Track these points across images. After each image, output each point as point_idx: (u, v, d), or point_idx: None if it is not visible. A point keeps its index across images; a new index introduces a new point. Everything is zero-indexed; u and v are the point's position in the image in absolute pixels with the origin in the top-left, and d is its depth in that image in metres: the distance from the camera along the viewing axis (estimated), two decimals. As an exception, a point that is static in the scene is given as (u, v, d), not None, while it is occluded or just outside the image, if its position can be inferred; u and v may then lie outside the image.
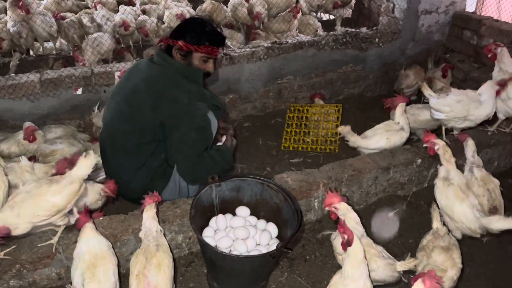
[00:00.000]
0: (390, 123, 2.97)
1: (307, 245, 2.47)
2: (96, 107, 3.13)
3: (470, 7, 4.10)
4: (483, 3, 3.99)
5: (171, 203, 2.36)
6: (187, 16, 4.84)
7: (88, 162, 2.04)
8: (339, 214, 1.94)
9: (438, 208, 2.28)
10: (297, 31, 4.97)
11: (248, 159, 3.28)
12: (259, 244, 2.10)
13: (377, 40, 3.93)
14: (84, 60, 3.82)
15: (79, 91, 3.19)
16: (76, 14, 4.91)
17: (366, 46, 3.93)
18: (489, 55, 2.93)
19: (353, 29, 3.98)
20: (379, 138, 2.88)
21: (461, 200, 2.23)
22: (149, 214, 2.00)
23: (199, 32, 2.30)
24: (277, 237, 2.18)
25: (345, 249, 1.72)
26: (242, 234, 2.08)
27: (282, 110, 3.94)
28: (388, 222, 2.61)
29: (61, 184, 1.97)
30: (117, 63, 3.32)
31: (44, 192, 1.93)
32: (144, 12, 5.28)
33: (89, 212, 1.99)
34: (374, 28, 4.03)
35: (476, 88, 3.36)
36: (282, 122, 3.82)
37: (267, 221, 2.24)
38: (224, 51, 3.53)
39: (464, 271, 2.13)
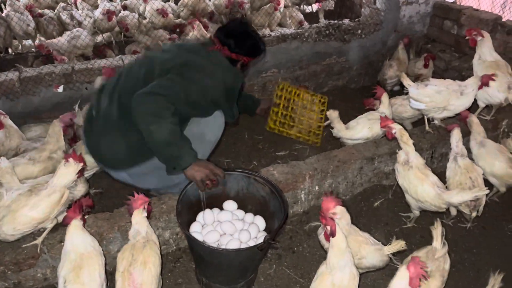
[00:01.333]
0: (373, 112, 3.00)
1: (295, 237, 2.48)
2: (77, 105, 3.06)
3: (450, -3, 4.16)
4: (462, -7, 4.04)
5: (157, 199, 2.34)
6: (169, 11, 4.79)
7: (69, 170, 2.01)
8: (336, 218, 1.90)
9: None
10: (289, 21, 4.97)
11: (234, 153, 3.28)
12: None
13: (359, 31, 3.95)
14: (64, 58, 3.75)
15: (60, 89, 3.13)
16: (55, 10, 4.82)
17: (349, 37, 3.94)
18: (468, 38, 2.96)
19: (335, 21, 3.98)
20: (361, 128, 2.92)
21: (422, 180, 2.32)
22: (137, 220, 1.91)
23: (257, 45, 2.39)
24: (265, 229, 2.18)
25: (328, 239, 1.74)
26: (229, 228, 2.08)
27: (267, 103, 3.94)
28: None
29: (39, 197, 1.94)
30: (98, 60, 3.26)
31: (22, 206, 1.91)
32: (125, 7, 5.22)
33: (80, 208, 1.89)
34: (357, 19, 4.04)
35: (457, 77, 3.42)
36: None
37: (255, 214, 2.24)
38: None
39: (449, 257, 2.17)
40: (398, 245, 1.93)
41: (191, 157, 2.00)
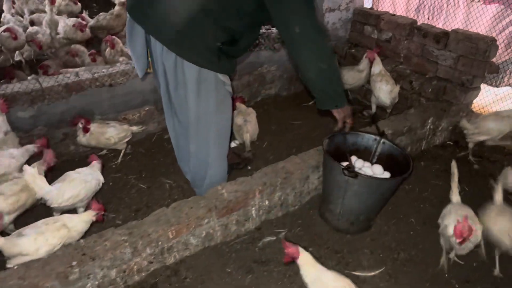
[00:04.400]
0: None
1: (249, 256, 2.40)
2: None
3: (367, 4, 4.35)
4: (378, -1, 4.26)
5: (98, 236, 2.12)
6: (89, 22, 4.50)
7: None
8: None
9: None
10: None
11: (175, 173, 3.10)
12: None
13: (288, 39, 3.98)
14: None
15: (-33, 120, 2.73)
16: None
17: (278, 46, 3.96)
18: None
19: (265, 30, 3.98)
20: None
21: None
22: None
23: None
24: None
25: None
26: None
27: (202, 117, 3.81)
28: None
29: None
30: (10, 84, 2.88)
31: None
32: (32, 23, 4.78)
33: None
34: (284, 27, 4.07)
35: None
36: (203, 129, 3.69)
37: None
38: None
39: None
40: None
41: (344, 101, 2.25)
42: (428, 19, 3.79)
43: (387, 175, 2.48)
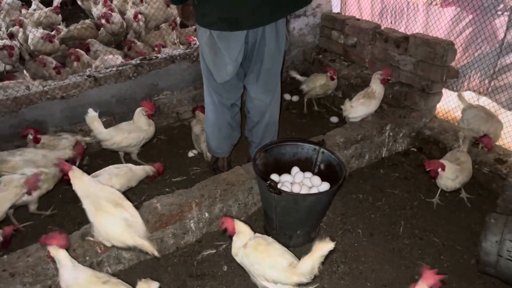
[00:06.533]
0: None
1: (186, 269, 2.37)
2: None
3: (336, 8, 4.28)
4: (345, 3, 4.18)
5: (22, 251, 2.12)
6: (61, 33, 4.52)
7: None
8: None
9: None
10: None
11: (127, 185, 3.09)
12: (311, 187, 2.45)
13: (251, 47, 3.94)
14: None
15: None
16: None
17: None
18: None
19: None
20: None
21: None
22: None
23: None
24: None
25: None
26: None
27: (164, 127, 3.80)
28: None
29: None
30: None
31: None
32: (12, 35, 4.85)
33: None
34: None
35: (347, 85, 3.49)
36: (165, 139, 3.68)
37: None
38: (88, 73, 3.31)
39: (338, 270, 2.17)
40: None
41: None
42: (391, 23, 3.71)
43: (325, 186, 2.43)
